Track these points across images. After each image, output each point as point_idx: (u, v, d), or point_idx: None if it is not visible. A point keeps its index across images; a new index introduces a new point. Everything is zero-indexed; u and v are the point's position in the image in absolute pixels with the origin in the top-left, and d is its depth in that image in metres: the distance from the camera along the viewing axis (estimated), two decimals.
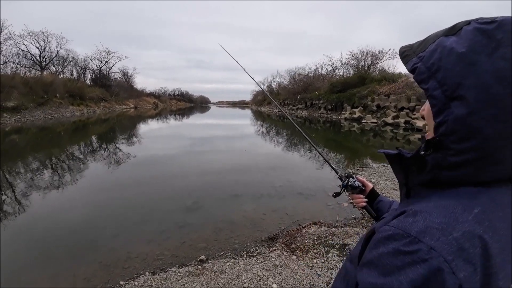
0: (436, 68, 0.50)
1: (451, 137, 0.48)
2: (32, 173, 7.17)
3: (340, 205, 4.84)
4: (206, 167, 7.97)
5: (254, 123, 28.13)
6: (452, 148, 0.49)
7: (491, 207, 0.48)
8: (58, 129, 18.08)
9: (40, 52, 38.47)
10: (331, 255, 3.25)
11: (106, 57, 50.95)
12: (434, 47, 0.52)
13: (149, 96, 75.99)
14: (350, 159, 9.70)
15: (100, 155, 9.85)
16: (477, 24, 0.50)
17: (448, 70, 0.49)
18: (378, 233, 0.52)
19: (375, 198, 1.08)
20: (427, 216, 0.47)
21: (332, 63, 45.39)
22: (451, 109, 0.48)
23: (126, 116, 33.63)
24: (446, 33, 0.53)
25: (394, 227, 0.49)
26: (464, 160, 0.48)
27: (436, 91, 0.50)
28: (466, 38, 0.49)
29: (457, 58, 0.48)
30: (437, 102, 0.50)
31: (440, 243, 0.43)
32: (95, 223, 4.27)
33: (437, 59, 0.51)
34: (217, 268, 2.97)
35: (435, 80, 0.50)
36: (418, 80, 0.53)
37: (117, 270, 3.07)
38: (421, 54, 0.54)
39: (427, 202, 0.51)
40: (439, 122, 0.50)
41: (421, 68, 0.53)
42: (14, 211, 4.78)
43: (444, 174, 0.51)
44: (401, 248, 0.45)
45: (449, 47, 0.50)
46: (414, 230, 0.46)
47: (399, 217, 0.51)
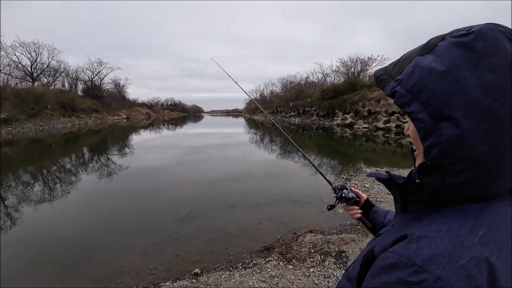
0: (417, 89, 0.48)
1: (446, 159, 0.46)
2: (23, 186, 7.03)
3: (335, 212, 4.82)
4: (199, 176, 7.91)
5: (247, 131, 28.16)
6: (449, 170, 0.46)
7: (496, 225, 0.46)
8: (49, 141, 17.82)
9: (32, 63, 38.33)
10: (327, 263, 3.22)
11: (98, 67, 50.87)
12: (411, 69, 0.50)
13: (141, 106, 75.83)
14: (344, 164, 9.73)
15: (92, 167, 9.71)
16: (452, 38, 0.48)
17: (431, 90, 0.47)
18: (380, 260, 0.49)
19: (370, 209, 1.08)
20: (432, 242, 0.44)
21: (323, 71, 45.96)
22: (440, 130, 0.46)
23: (118, 127, 33.36)
24: (421, 52, 0.51)
25: (397, 255, 0.46)
26: (464, 180, 0.46)
27: (421, 114, 0.48)
28: (443, 55, 0.47)
29: (439, 77, 0.46)
30: (424, 125, 0.48)
31: (447, 272, 0.41)
32: (87, 236, 4.18)
33: (417, 80, 0.48)
34: (212, 281, 2.91)
35: (418, 102, 0.48)
36: (400, 104, 0.51)
37: (109, 284, 3.00)
38: (398, 77, 0.52)
39: (429, 224, 0.48)
40: (430, 145, 0.47)
41: (400, 91, 0.51)
42: (4, 224, 4.66)
43: (444, 195, 0.49)
44: (406, 279, 0.43)
45: (428, 67, 0.48)
46: (419, 258, 0.43)
47: (401, 243, 0.48)
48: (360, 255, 0.63)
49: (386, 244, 0.52)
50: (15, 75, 34.64)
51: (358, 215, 1.06)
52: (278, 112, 49.19)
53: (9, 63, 33.85)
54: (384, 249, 0.51)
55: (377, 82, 0.58)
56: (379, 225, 1.02)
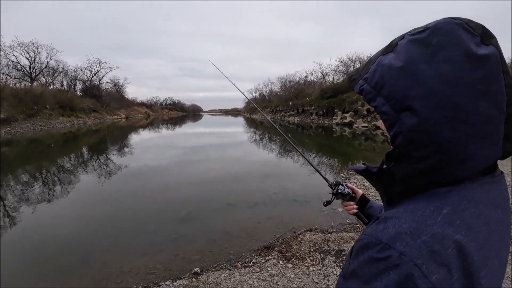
0: (380, 85, 0.53)
1: (410, 146, 0.49)
2: (22, 186, 7.03)
3: (335, 211, 4.83)
4: (199, 176, 7.91)
5: (246, 130, 28.15)
6: (414, 156, 0.49)
7: (463, 205, 0.48)
8: (48, 141, 17.79)
9: (30, 63, 38.29)
10: (327, 261, 3.22)
11: (96, 67, 50.83)
12: (374, 67, 0.55)
13: (140, 106, 75.71)
14: (343, 163, 9.74)
15: (91, 167, 9.69)
16: (410, 36, 0.52)
17: (392, 85, 0.50)
18: (356, 242, 0.53)
19: (365, 204, 1.10)
20: (397, 221, 0.48)
21: (322, 70, 45.93)
22: (401, 121, 0.49)
23: (117, 126, 33.31)
24: (383, 52, 0.55)
25: (368, 235, 0.50)
26: (430, 165, 0.48)
27: (384, 107, 0.52)
28: (401, 52, 0.51)
29: (398, 72, 0.50)
30: (388, 117, 0.52)
31: (409, 248, 0.44)
32: (87, 236, 4.18)
33: (379, 77, 0.53)
34: (212, 280, 2.92)
35: (381, 97, 0.52)
36: (367, 100, 0.56)
37: (109, 284, 3.00)
38: (365, 75, 0.57)
39: (397, 207, 0.52)
40: (394, 135, 0.51)
41: (366, 88, 0.56)
42: (4, 225, 4.65)
43: (415, 182, 0.52)
44: (375, 256, 0.46)
45: (388, 64, 0.52)
46: (385, 236, 0.47)
47: (372, 224, 0.52)
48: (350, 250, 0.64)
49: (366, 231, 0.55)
50: (14, 75, 34.77)
51: (354, 211, 1.08)
52: (278, 111, 49.24)
53: (7, 63, 33.93)
54: None
55: (350, 82, 0.63)
56: None
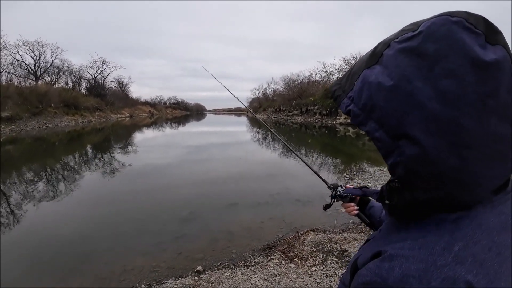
0: (369, 108, 0.45)
1: (413, 177, 0.43)
2: (26, 185, 7.08)
3: (338, 211, 4.81)
4: (202, 176, 7.93)
5: (249, 129, 28.15)
6: (419, 187, 0.43)
7: (475, 237, 0.42)
8: (53, 140, 17.92)
9: (35, 62, 38.49)
10: (329, 262, 3.22)
11: (101, 66, 51.01)
12: (360, 85, 0.47)
13: (144, 105, 75.93)
14: (347, 163, 9.71)
15: (95, 165, 9.75)
16: (398, 44, 0.43)
17: (383, 108, 0.43)
18: (357, 276, 0.47)
19: (366, 204, 1.05)
20: (404, 261, 0.41)
21: (325, 69, 45.59)
22: (401, 149, 0.42)
23: (122, 125, 33.47)
24: (368, 63, 0.46)
25: (371, 273, 0.44)
26: (435, 195, 0.43)
27: (377, 133, 0.44)
28: (390, 66, 0.42)
29: (389, 93, 0.42)
30: (382, 145, 0.44)
31: None
32: (90, 235, 4.20)
33: (367, 98, 0.45)
34: (214, 279, 2.93)
35: (373, 121, 0.45)
36: (356, 123, 0.48)
37: (113, 283, 3.02)
38: (350, 94, 0.49)
39: (404, 239, 0.45)
40: (392, 165, 0.44)
41: (354, 110, 0.47)
42: (8, 223, 4.70)
43: (418, 209, 0.46)
44: None
45: (375, 82, 0.43)
46: (391, 279, 0.41)
47: (376, 261, 0.45)
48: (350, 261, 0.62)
49: (365, 258, 0.50)
50: (19, 73, 34.94)
51: (355, 212, 1.04)
52: (281, 110, 49.19)
53: (12, 61, 34.12)
54: (364, 263, 0.49)
55: (333, 98, 0.54)
56: (376, 220, 1.00)
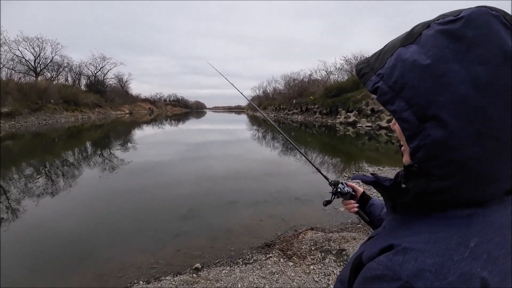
0: (400, 86, 0.43)
1: (433, 162, 0.42)
2: (26, 181, 7.08)
3: (337, 210, 4.82)
4: (201, 173, 7.92)
5: (249, 128, 28.15)
6: (435, 173, 0.42)
7: (489, 234, 0.42)
8: (52, 135, 17.91)
9: (35, 58, 38.43)
10: (328, 260, 3.22)
11: (101, 63, 50.98)
12: (393, 62, 0.45)
13: (144, 102, 75.93)
14: (346, 163, 9.72)
15: (95, 162, 9.75)
16: (438, 25, 0.42)
17: (415, 87, 0.42)
18: (366, 269, 0.46)
19: (366, 202, 1.06)
20: (419, 255, 0.40)
21: (326, 68, 45.61)
22: (426, 131, 0.41)
23: (121, 122, 33.46)
24: (403, 42, 0.46)
25: (382, 266, 0.43)
26: (451, 184, 0.42)
27: (405, 113, 0.43)
28: (428, 45, 0.42)
29: (423, 72, 0.41)
30: (409, 126, 0.43)
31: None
32: (89, 232, 4.21)
33: (399, 75, 0.43)
34: (213, 276, 2.93)
35: (401, 100, 0.43)
36: (382, 102, 0.46)
37: (111, 279, 3.02)
38: (380, 71, 0.47)
39: (417, 233, 0.45)
40: (415, 147, 0.43)
41: (383, 88, 0.46)
42: (7, 219, 4.69)
43: (430, 200, 0.45)
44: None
45: (411, 60, 0.43)
46: (405, 272, 0.40)
47: (387, 254, 0.44)
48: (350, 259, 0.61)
49: (373, 252, 0.49)
50: (19, 69, 34.88)
51: (355, 209, 1.04)
52: (281, 109, 49.16)
53: (12, 57, 34.06)
54: (371, 257, 0.48)
55: (358, 76, 0.52)
56: (376, 218, 1.00)
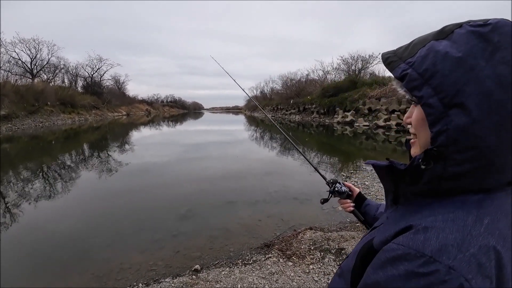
0: (430, 74, 0.47)
1: (452, 147, 0.46)
2: (23, 183, 7.04)
3: (335, 209, 4.83)
4: (199, 174, 7.91)
5: (247, 128, 28.14)
6: (453, 158, 0.46)
7: (497, 215, 0.46)
8: (49, 138, 17.81)
9: (31, 60, 38.16)
10: (327, 260, 3.23)
11: (97, 64, 50.58)
12: (425, 52, 0.49)
13: (141, 103, 75.57)
14: (344, 162, 9.74)
15: (92, 163, 9.70)
16: (470, 27, 0.47)
17: (445, 76, 0.46)
18: (384, 252, 0.48)
19: (362, 202, 1.11)
20: (440, 232, 0.44)
21: (323, 68, 45.54)
22: (449, 118, 0.45)
23: (118, 123, 33.33)
24: (436, 37, 0.50)
25: (403, 246, 0.45)
26: (466, 169, 0.46)
27: (432, 99, 0.47)
28: (460, 42, 0.47)
29: (454, 63, 0.46)
30: (434, 111, 0.47)
31: (458, 262, 0.40)
32: (87, 233, 4.18)
33: (431, 64, 0.47)
34: (212, 278, 2.92)
35: (429, 86, 0.47)
36: (410, 87, 0.50)
37: (109, 281, 3.01)
38: (410, 59, 0.51)
39: (433, 215, 0.48)
40: (438, 132, 0.47)
41: (412, 74, 0.50)
42: (6, 220, 4.66)
43: (444, 184, 0.49)
44: (416, 270, 0.42)
45: (443, 52, 0.47)
46: (428, 249, 0.42)
47: (407, 234, 0.47)
48: (354, 250, 0.62)
49: (387, 236, 0.51)
50: (15, 71, 34.72)
51: (350, 208, 1.09)
52: (279, 109, 49.15)
53: (8, 59, 33.89)
54: (386, 241, 0.50)
55: (385, 64, 0.56)
56: (371, 218, 1.05)
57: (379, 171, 0.60)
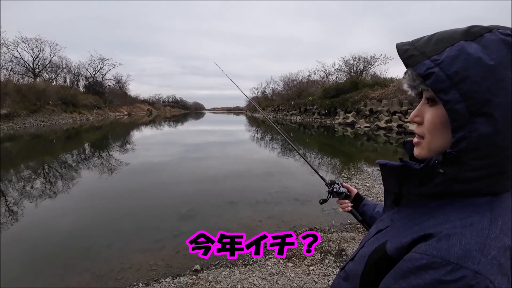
0: (460, 78, 0.45)
1: (472, 153, 0.46)
2: (24, 182, 7.06)
3: (336, 210, 4.82)
4: (201, 174, 7.92)
5: (248, 129, 28.15)
6: (471, 164, 0.46)
7: (508, 215, 0.48)
8: (51, 137, 17.86)
9: (33, 59, 38.30)
10: (327, 261, 3.22)
11: (99, 64, 50.73)
12: (455, 53, 0.46)
13: (143, 103, 75.73)
14: (345, 163, 9.73)
15: (94, 163, 9.73)
16: (501, 34, 0.46)
17: (476, 83, 0.44)
18: (406, 262, 0.46)
19: (360, 202, 1.14)
20: (462, 238, 0.44)
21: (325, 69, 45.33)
22: (475, 125, 0.44)
23: (120, 123, 33.40)
24: (465, 37, 0.47)
25: (427, 255, 0.44)
26: (481, 175, 0.47)
27: (459, 104, 0.45)
28: (492, 48, 0.45)
29: (486, 71, 0.44)
30: (459, 117, 0.45)
31: (483, 266, 0.41)
32: (88, 232, 4.19)
33: (462, 68, 0.45)
34: (212, 278, 2.92)
35: (458, 91, 0.45)
36: (436, 89, 0.47)
37: (110, 281, 3.01)
38: (437, 57, 0.48)
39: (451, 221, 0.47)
40: (460, 138, 0.46)
41: (439, 75, 0.46)
42: (6, 219, 4.67)
43: (456, 187, 0.49)
44: (443, 278, 0.41)
45: (476, 56, 0.45)
46: (454, 256, 0.42)
47: (430, 242, 0.45)
48: (359, 254, 0.61)
49: (403, 243, 0.50)
50: (17, 71, 34.80)
51: (348, 208, 1.12)
52: (280, 110, 49.19)
53: (11, 59, 34.01)
54: (402, 247, 0.49)
55: (403, 56, 0.53)
56: (368, 217, 1.08)
57: (386, 171, 0.59)
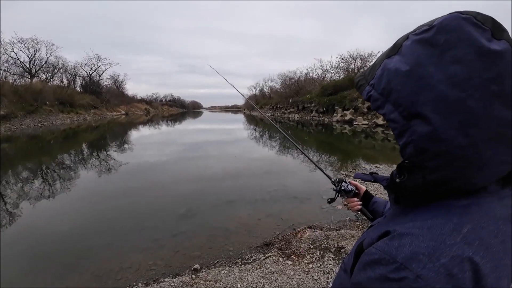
0: (387, 91, 0.49)
1: (422, 156, 0.46)
2: (22, 183, 7.03)
3: (335, 208, 4.83)
4: (199, 173, 7.91)
5: (246, 127, 28.12)
6: (428, 166, 0.46)
7: (482, 222, 0.45)
8: (48, 138, 17.77)
9: (30, 59, 38.11)
10: (326, 259, 3.23)
11: (96, 63, 50.57)
12: (380, 72, 0.52)
13: (140, 102, 75.60)
14: (343, 161, 9.75)
15: (92, 163, 9.69)
16: (414, 36, 0.48)
17: (399, 90, 0.47)
18: (365, 255, 0.50)
19: (369, 200, 1.09)
20: (414, 239, 0.44)
21: (322, 67, 45.69)
22: (412, 128, 0.46)
23: (117, 123, 33.28)
24: (388, 54, 0.52)
25: (380, 251, 0.46)
26: (445, 175, 0.46)
27: (393, 114, 0.49)
28: (407, 54, 0.48)
29: (404, 77, 0.47)
30: (397, 125, 0.48)
31: (427, 271, 0.41)
32: (87, 232, 4.18)
33: (386, 82, 0.50)
34: (212, 277, 2.92)
35: (389, 103, 0.49)
36: (375, 107, 0.52)
37: (109, 281, 3.01)
38: (372, 81, 0.54)
39: (412, 220, 0.49)
40: (404, 144, 0.48)
41: (374, 95, 0.52)
42: (4, 221, 4.65)
43: (429, 191, 0.49)
44: (388, 275, 0.43)
45: (394, 68, 0.49)
46: (400, 255, 0.43)
47: (384, 240, 0.48)
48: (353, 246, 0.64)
49: (372, 239, 0.53)
50: (14, 71, 34.69)
51: (358, 207, 1.06)
52: (278, 108, 49.19)
53: (7, 59, 33.83)
54: (371, 243, 0.52)
55: (356, 87, 0.60)
56: (379, 215, 1.02)
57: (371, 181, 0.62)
